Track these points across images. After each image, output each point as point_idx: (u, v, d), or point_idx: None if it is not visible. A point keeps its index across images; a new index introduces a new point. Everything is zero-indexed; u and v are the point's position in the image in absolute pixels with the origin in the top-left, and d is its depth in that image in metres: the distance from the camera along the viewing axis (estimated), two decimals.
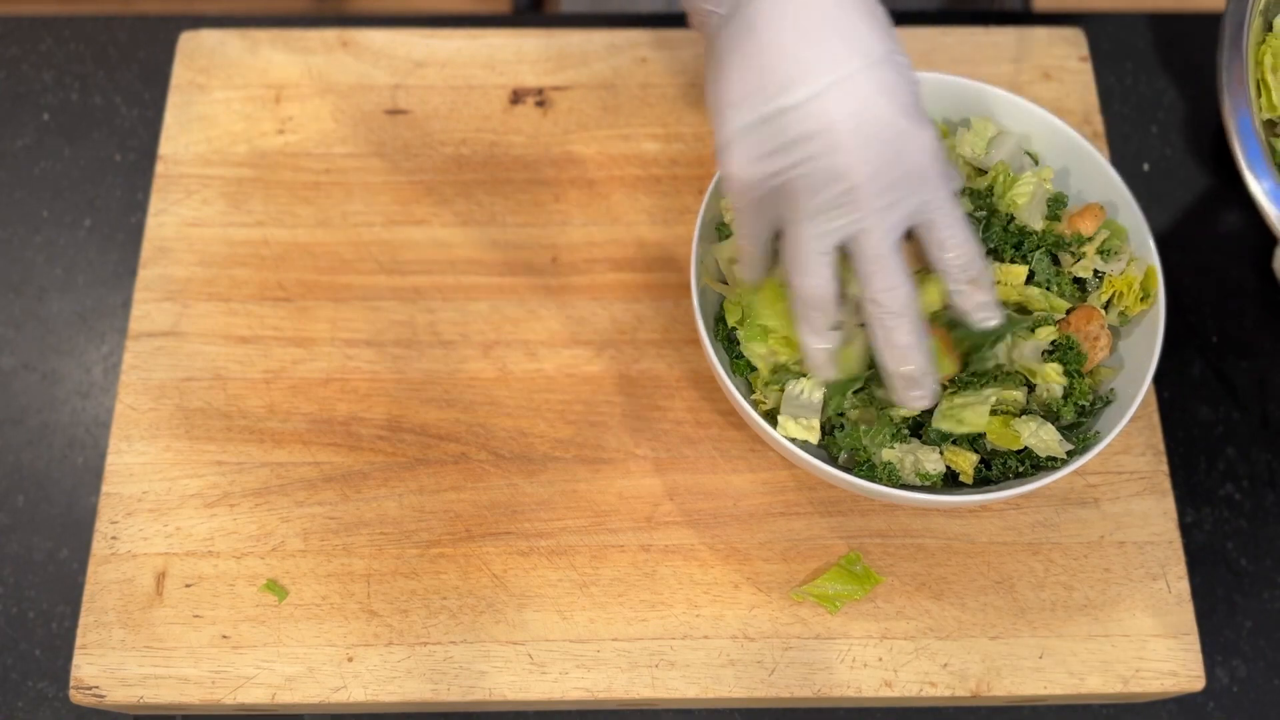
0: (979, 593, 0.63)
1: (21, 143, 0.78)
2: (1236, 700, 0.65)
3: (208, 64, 0.76)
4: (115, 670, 0.61)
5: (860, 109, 0.50)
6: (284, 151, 0.74)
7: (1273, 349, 0.73)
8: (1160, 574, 0.63)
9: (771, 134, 0.52)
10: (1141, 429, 0.67)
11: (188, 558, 0.63)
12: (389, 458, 0.66)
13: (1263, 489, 0.70)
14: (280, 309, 0.69)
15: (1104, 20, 0.82)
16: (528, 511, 0.65)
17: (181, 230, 0.71)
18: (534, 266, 0.71)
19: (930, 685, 0.61)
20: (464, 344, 0.69)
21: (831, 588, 0.62)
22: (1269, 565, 0.68)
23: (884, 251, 0.52)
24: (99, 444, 0.70)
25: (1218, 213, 0.77)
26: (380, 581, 0.63)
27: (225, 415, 0.67)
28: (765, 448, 0.66)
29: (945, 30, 0.78)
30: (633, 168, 0.74)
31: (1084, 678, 0.61)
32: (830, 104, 0.50)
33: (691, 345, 0.69)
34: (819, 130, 0.51)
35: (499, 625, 0.62)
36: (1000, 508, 0.65)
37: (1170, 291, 0.71)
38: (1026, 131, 0.67)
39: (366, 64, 0.76)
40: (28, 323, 0.73)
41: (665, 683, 0.61)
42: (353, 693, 0.60)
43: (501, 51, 0.77)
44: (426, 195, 0.73)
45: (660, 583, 0.63)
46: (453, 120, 0.75)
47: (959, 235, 0.54)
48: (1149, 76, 0.81)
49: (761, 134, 0.52)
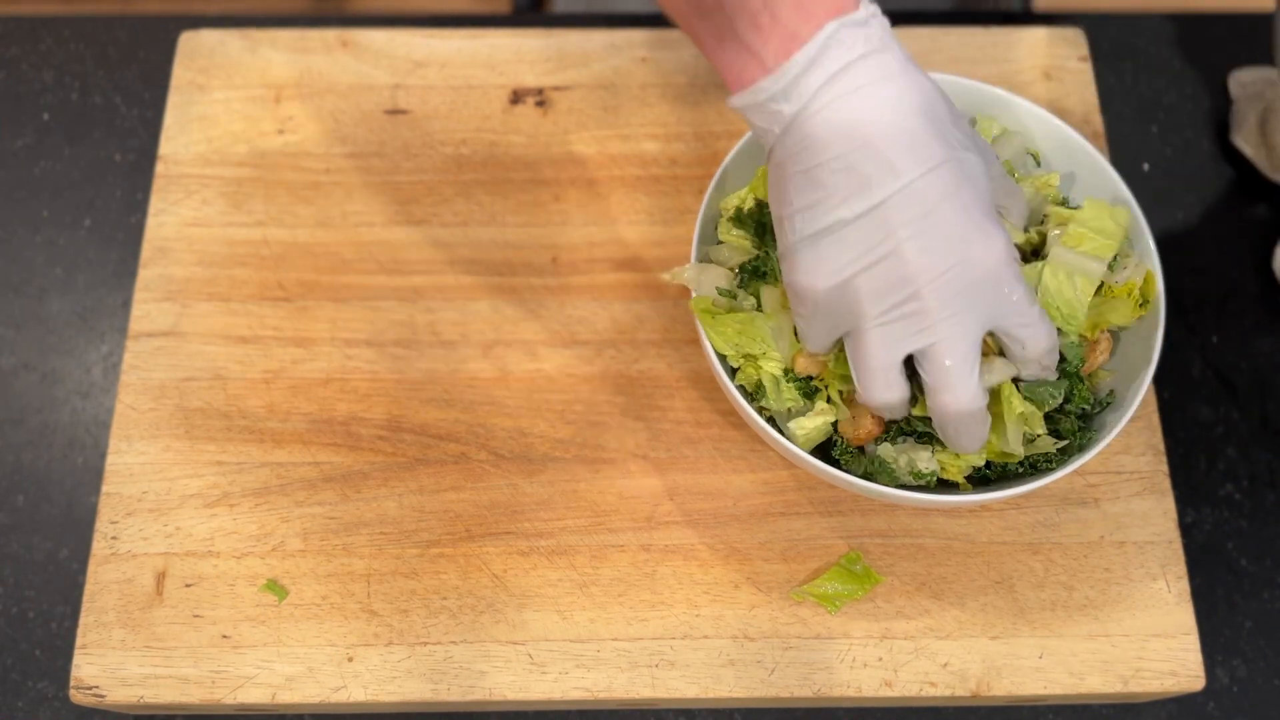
0: (979, 593, 0.63)
1: (21, 143, 0.78)
2: (1236, 700, 0.65)
3: (208, 64, 0.76)
4: (115, 670, 0.61)
5: (921, 215, 0.50)
6: (284, 151, 0.74)
7: (1273, 349, 0.73)
8: (1160, 574, 0.63)
9: (834, 244, 0.51)
10: (1141, 429, 0.67)
11: (188, 558, 0.63)
12: (389, 458, 0.66)
13: (1263, 489, 0.70)
14: (280, 309, 0.69)
15: (1104, 20, 0.82)
16: (528, 511, 0.65)
17: (181, 230, 0.71)
18: (534, 266, 0.71)
19: (930, 685, 0.61)
20: (464, 344, 0.69)
21: (831, 587, 0.62)
22: (1269, 565, 0.68)
23: (954, 363, 0.52)
24: (99, 444, 0.70)
25: (1218, 213, 0.77)
26: (380, 581, 0.63)
27: (225, 415, 0.67)
28: (765, 448, 0.66)
29: (945, 30, 0.78)
30: (633, 168, 0.74)
31: (1084, 678, 0.61)
32: (890, 213, 0.50)
33: (691, 345, 0.69)
34: (880, 239, 0.50)
35: (499, 625, 0.62)
36: (1000, 508, 0.65)
37: (1170, 291, 0.71)
38: (1026, 132, 0.67)
39: (366, 64, 0.76)
40: (28, 323, 0.73)
41: (665, 683, 0.61)
42: (353, 693, 0.60)
43: (501, 51, 0.77)
44: (426, 195, 0.73)
45: (660, 583, 0.63)
46: (453, 120, 0.75)
47: (1039, 333, 0.54)
48: (1149, 76, 0.81)
49: (824, 243, 0.52)
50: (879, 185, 0.50)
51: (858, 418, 0.59)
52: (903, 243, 0.50)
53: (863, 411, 0.59)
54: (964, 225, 0.51)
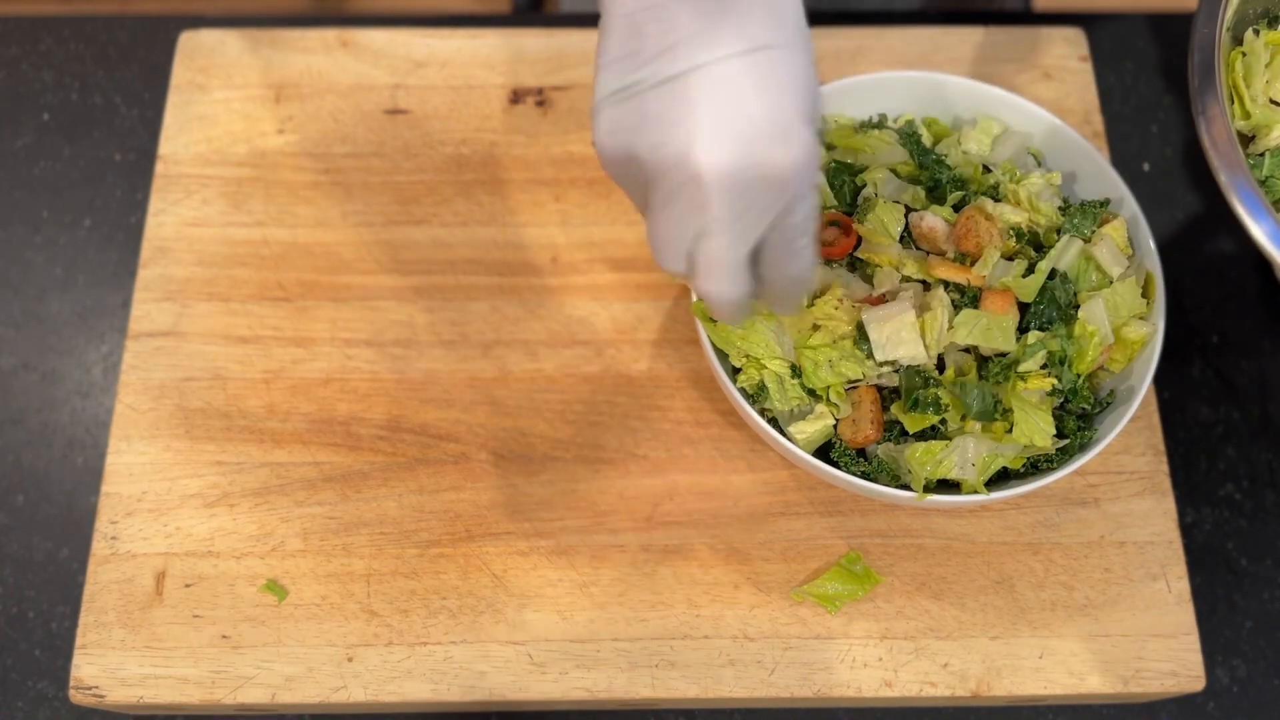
0: (979, 593, 0.63)
1: (21, 143, 0.78)
2: (1236, 700, 0.65)
3: (208, 64, 0.76)
4: (115, 670, 0.61)
5: (725, 101, 0.46)
6: (284, 151, 0.74)
7: (1273, 349, 0.73)
8: (1160, 574, 0.63)
9: (634, 107, 0.47)
10: (1141, 429, 0.67)
11: (187, 558, 0.63)
12: (389, 458, 0.66)
13: (1263, 489, 0.70)
14: (280, 309, 0.69)
15: (1104, 20, 0.82)
16: (528, 511, 0.65)
17: (181, 230, 0.71)
18: (534, 266, 0.71)
19: (930, 685, 0.61)
20: (464, 344, 0.69)
21: (831, 588, 0.62)
22: (1269, 565, 0.68)
23: (723, 258, 0.48)
24: (99, 444, 0.70)
25: (1218, 212, 0.77)
26: (380, 581, 0.63)
27: (225, 415, 0.67)
28: (765, 448, 0.66)
29: (945, 30, 0.78)
30: None
31: (1084, 678, 0.61)
32: (693, 88, 0.46)
33: (691, 345, 0.69)
34: (677, 116, 0.46)
35: (499, 625, 0.62)
36: (1000, 508, 0.65)
37: (1171, 291, 0.71)
38: (1027, 131, 0.67)
39: (366, 64, 0.76)
40: (28, 323, 0.73)
41: (665, 683, 0.61)
42: (353, 693, 0.60)
43: (501, 51, 0.77)
44: (426, 195, 0.73)
45: (660, 583, 0.63)
46: (453, 120, 0.75)
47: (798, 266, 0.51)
48: (1149, 76, 0.81)
49: (626, 104, 0.47)
50: (695, 52, 0.46)
51: (858, 421, 0.59)
52: (700, 124, 0.46)
53: (863, 415, 0.59)
54: (766, 120, 0.46)
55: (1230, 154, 0.56)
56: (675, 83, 0.46)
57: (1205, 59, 0.58)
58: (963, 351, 0.60)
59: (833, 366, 0.59)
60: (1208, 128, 0.57)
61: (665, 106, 0.46)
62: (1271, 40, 0.63)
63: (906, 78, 0.67)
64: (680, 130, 0.46)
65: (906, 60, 0.77)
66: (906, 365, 0.59)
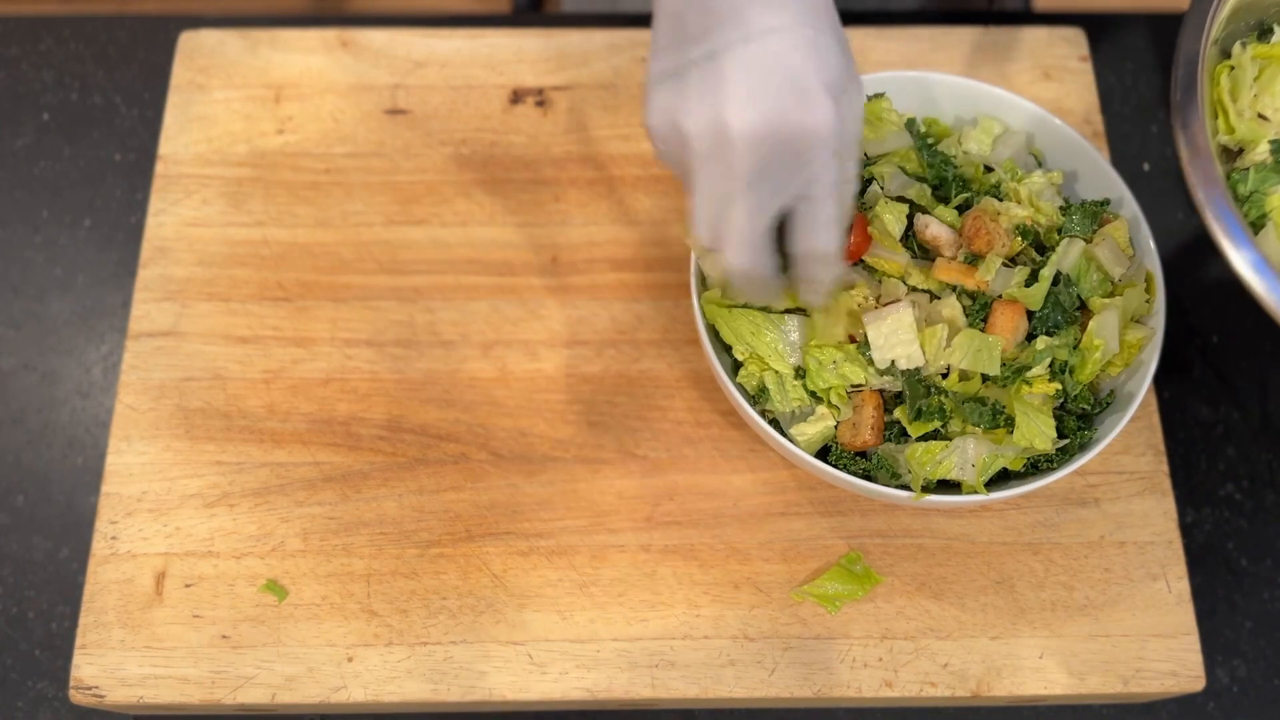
0: (979, 593, 0.63)
1: (21, 143, 0.78)
2: (1236, 700, 0.65)
3: (207, 64, 0.76)
4: (115, 670, 0.61)
5: (755, 70, 0.49)
6: (284, 151, 0.74)
7: (1273, 349, 0.73)
8: (1160, 574, 0.63)
9: (677, 86, 0.51)
10: (1141, 429, 0.67)
11: (187, 558, 0.63)
12: (389, 458, 0.66)
13: (1263, 489, 0.70)
14: (280, 309, 0.69)
15: (1104, 20, 0.82)
16: (528, 511, 0.65)
17: (181, 230, 0.71)
18: (534, 266, 0.71)
19: (930, 685, 0.61)
20: (464, 344, 0.69)
21: (831, 588, 0.62)
22: (1269, 565, 0.68)
23: (742, 226, 0.52)
24: (99, 444, 0.70)
25: None
26: (380, 581, 0.63)
27: (225, 415, 0.67)
28: (765, 448, 0.66)
29: (945, 30, 0.78)
30: (633, 168, 0.74)
31: (1084, 678, 0.61)
32: (728, 62, 0.49)
33: (691, 345, 0.69)
34: (712, 86, 0.50)
35: (499, 625, 0.62)
36: (1000, 508, 0.65)
37: (1171, 291, 0.71)
38: (1028, 131, 0.67)
39: (366, 64, 0.76)
40: (28, 323, 0.73)
41: (665, 683, 0.61)
42: (353, 693, 0.60)
43: (501, 51, 0.77)
44: (426, 195, 0.73)
45: (660, 583, 0.63)
46: (453, 120, 0.75)
47: (826, 238, 0.53)
48: (1149, 76, 0.81)
49: (670, 84, 0.51)
50: (729, 29, 0.49)
51: (858, 425, 0.59)
52: (733, 93, 0.49)
53: (864, 420, 0.59)
54: (795, 89, 0.49)
55: (1208, 170, 0.56)
56: (713, 60, 0.50)
57: (1189, 74, 0.58)
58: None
59: (836, 368, 0.59)
60: (1187, 143, 0.57)
61: (703, 80, 0.50)
62: (1259, 54, 0.62)
63: (906, 78, 0.67)
64: (716, 98, 0.50)
65: (906, 60, 0.77)
66: (907, 370, 0.58)
